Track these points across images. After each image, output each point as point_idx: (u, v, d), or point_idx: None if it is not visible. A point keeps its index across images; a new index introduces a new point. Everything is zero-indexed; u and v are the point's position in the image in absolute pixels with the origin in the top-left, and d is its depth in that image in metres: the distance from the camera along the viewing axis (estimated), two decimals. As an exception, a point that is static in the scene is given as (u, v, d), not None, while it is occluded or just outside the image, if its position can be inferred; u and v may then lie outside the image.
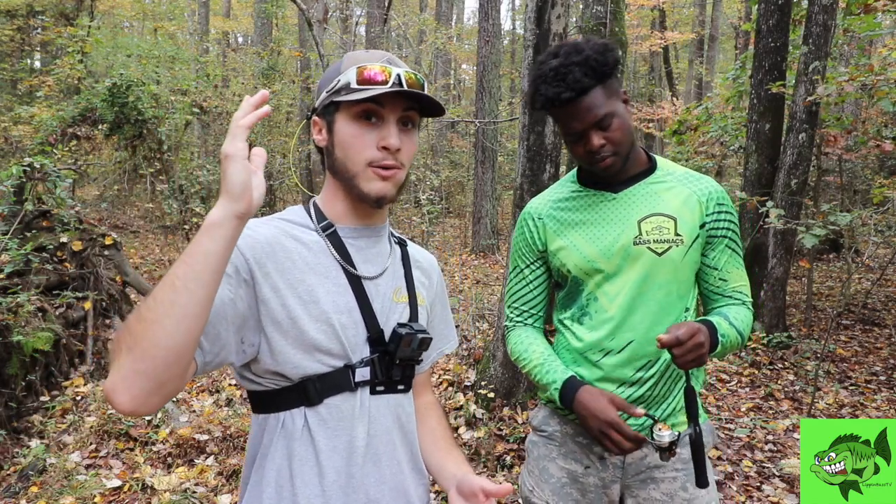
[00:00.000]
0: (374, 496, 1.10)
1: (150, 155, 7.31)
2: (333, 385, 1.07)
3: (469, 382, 4.20)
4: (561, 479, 1.52)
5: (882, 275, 7.66)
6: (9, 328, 3.66)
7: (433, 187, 11.35)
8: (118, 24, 17.26)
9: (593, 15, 4.03)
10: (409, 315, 1.18)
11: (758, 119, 5.79)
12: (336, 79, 1.09)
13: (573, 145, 1.41)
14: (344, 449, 1.07)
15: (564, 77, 1.32)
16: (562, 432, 1.54)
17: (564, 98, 1.33)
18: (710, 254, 1.48)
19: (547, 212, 1.54)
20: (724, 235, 1.47)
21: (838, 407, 4.32)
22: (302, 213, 1.15)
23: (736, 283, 1.50)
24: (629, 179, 1.49)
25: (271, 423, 1.08)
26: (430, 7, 21.38)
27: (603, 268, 1.44)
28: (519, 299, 1.60)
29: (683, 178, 1.50)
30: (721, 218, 1.46)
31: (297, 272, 1.06)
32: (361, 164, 1.08)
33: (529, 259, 1.57)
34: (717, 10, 16.78)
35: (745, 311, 1.48)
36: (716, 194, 1.47)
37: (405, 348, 1.11)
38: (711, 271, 1.49)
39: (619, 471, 1.49)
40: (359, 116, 1.08)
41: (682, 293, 1.45)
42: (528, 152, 3.75)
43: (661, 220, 1.43)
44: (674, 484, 1.46)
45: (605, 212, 1.47)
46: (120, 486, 3.12)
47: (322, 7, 7.44)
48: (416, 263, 1.26)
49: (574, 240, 1.48)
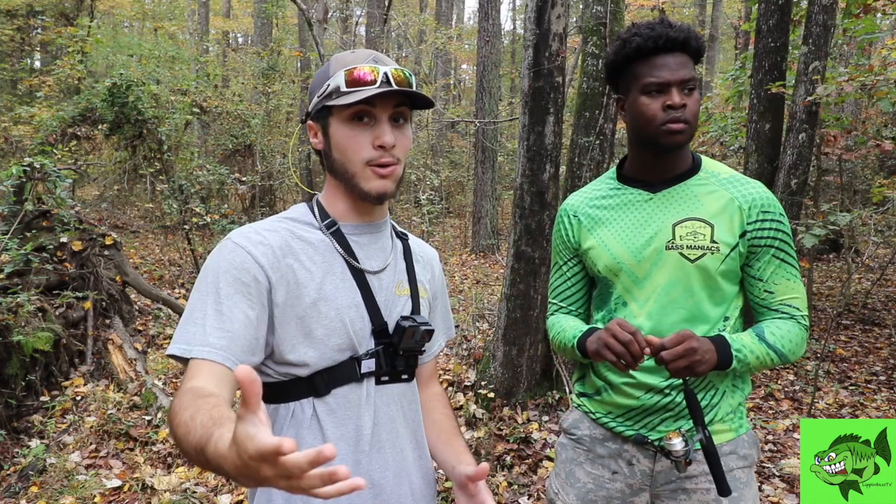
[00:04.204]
0: (379, 481, 1.15)
1: (150, 155, 7.30)
2: (340, 377, 1.12)
3: (469, 382, 4.20)
4: (587, 485, 1.49)
5: (882, 275, 7.66)
6: (9, 328, 3.66)
7: (433, 187, 11.35)
8: (118, 24, 17.26)
9: (593, 15, 4.02)
10: (411, 307, 1.22)
11: (758, 119, 5.79)
12: (325, 83, 1.12)
13: (649, 100, 1.35)
14: (351, 437, 1.12)
15: (672, 25, 1.33)
16: (590, 437, 1.51)
17: (672, 36, 1.31)
18: (756, 264, 1.39)
19: (583, 209, 1.51)
20: (770, 245, 1.37)
21: (838, 407, 4.32)
22: (306, 212, 1.19)
23: (784, 296, 1.39)
24: (670, 179, 1.42)
25: (282, 412, 1.12)
26: (430, 7, 21.36)
27: (632, 270, 1.40)
28: (559, 294, 1.59)
29: (728, 181, 1.41)
30: (766, 227, 1.36)
31: (306, 272, 1.10)
32: (360, 165, 1.11)
33: (566, 256, 1.56)
34: (717, 10, 16.78)
35: (791, 326, 1.37)
36: (760, 200, 1.37)
37: (408, 340, 1.16)
38: (756, 282, 1.40)
39: (647, 479, 1.44)
40: (352, 118, 1.10)
41: (717, 302, 1.38)
42: (528, 152, 3.75)
43: (696, 226, 1.36)
44: (707, 496, 1.39)
45: (640, 212, 1.42)
46: (120, 486, 3.12)
47: (322, 7, 7.44)
48: (418, 257, 1.30)
49: (605, 239, 1.45)
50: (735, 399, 1.43)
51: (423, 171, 12.41)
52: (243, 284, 1.04)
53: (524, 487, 3.20)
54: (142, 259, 8.40)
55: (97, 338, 4.40)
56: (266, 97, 11.53)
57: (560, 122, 3.77)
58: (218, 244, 1.11)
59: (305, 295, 1.09)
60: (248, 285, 1.04)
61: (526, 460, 3.44)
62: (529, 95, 3.72)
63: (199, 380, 0.96)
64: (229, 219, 7.73)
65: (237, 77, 13.28)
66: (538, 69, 3.67)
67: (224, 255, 1.07)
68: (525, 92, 3.77)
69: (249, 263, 1.06)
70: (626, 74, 1.40)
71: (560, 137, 3.80)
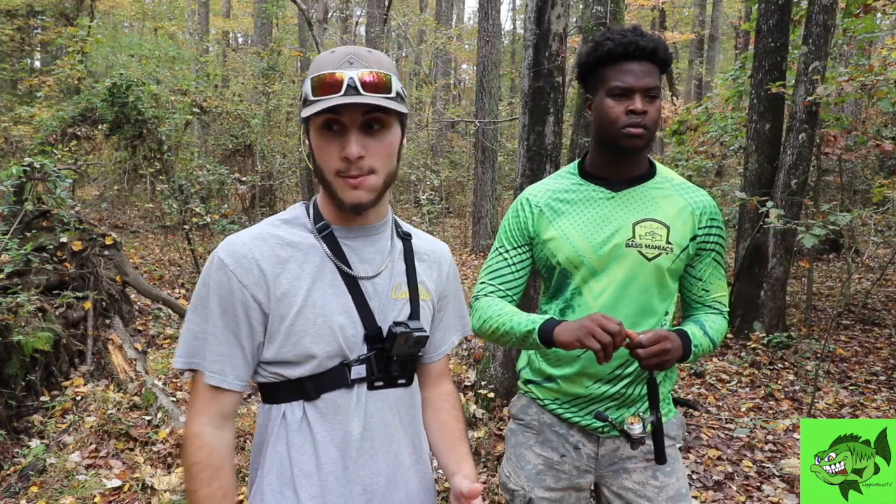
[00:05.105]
0: (371, 486, 1.14)
1: (150, 155, 7.30)
2: (330, 382, 1.12)
3: (469, 382, 4.20)
4: (537, 466, 1.56)
5: (882, 275, 7.66)
6: (9, 328, 3.65)
7: (433, 187, 11.35)
8: (118, 24, 17.26)
9: (593, 15, 4.03)
10: (409, 311, 1.19)
11: (758, 119, 5.79)
12: (302, 89, 1.09)
13: (613, 102, 1.42)
14: (339, 441, 1.12)
15: (643, 35, 1.41)
16: (539, 421, 1.59)
17: (642, 45, 1.39)
18: (697, 265, 1.53)
19: (545, 201, 1.55)
20: (713, 249, 1.53)
21: (838, 407, 4.32)
22: (302, 213, 1.18)
23: (716, 294, 1.56)
24: (629, 180, 1.51)
25: (274, 413, 1.14)
26: (430, 7, 21.37)
27: (591, 263, 1.47)
28: (497, 277, 1.58)
29: (680, 187, 1.53)
30: (712, 232, 1.51)
31: (293, 280, 1.10)
32: (332, 174, 1.08)
33: (517, 242, 1.57)
34: (717, 10, 16.79)
35: (722, 321, 1.55)
36: (709, 209, 1.51)
37: (401, 346, 1.14)
38: (696, 282, 1.55)
39: (592, 461, 1.55)
40: (322, 127, 1.06)
41: (663, 298, 1.49)
42: (528, 152, 3.75)
43: (655, 226, 1.46)
44: (644, 473, 1.52)
45: (601, 209, 1.49)
46: (120, 486, 3.12)
47: (322, 7, 7.44)
48: (422, 257, 1.26)
49: (567, 231, 1.49)
50: (666, 387, 1.58)
51: (423, 171, 12.41)
52: (230, 306, 1.09)
53: (524, 487, 3.20)
54: (142, 259, 8.40)
55: (97, 338, 4.40)
56: (266, 97, 11.53)
57: (560, 122, 3.77)
58: (210, 257, 1.13)
59: (292, 304, 1.09)
60: (234, 307, 1.09)
61: (526, 460, 3.44)
62: (529, 95, 3.72)
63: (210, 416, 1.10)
64: (229, 219, 7.73)
65: (237, 77, 13.29)
66: (538, 69, 3.68)
67: (213, 274, 1.10)
68: (525, 92, 3.77)
69: (234, 285, 1.08)
70: (595, 76, 1.48)
71: (560, 137, 3.80)
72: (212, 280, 1.09)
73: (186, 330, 1.11)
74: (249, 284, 1.08)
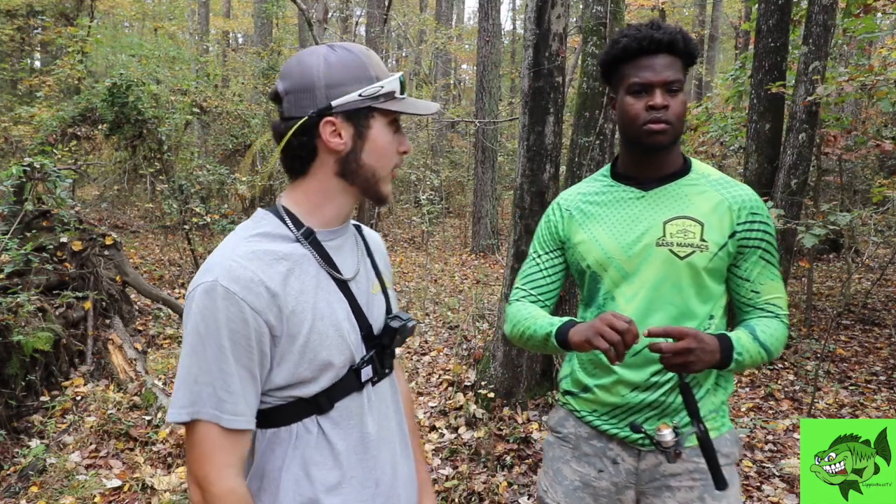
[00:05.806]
0: (381, 479, 1.16)
1: (150, 155, 7.30)
2: (342, 389, 1.11)
3: (469, 382, 4.20)
4: (574, 482, 1.51)
5: (882, 275, 7.66)
6: (9, 328, 3.65)
7: (433, 187, 11.35)
8: (118, 24, 17.26)
9: (593, 15, 4.03)
10: (384, 303, 1.23)
11: (758, 119, 5.78)
12: (375, 83, 1.08)
13: (632, 100, 1.38)
14: (357, 444, 1.12)
15: (660, 28, 1.37)
16: (576, 434, 1.53)
17: (657, 38, 1.34)
18: (743, 264, 1.43)
19: (575, 204, 1.53)
20: (758, 246, 1.42)
21: (838, 407, 4.32)
22: (278, 224, 1.09)
23: (770, 295, 1.44)
24: (661, 178, 1.45)
25: (283, 435, 1.08)
26: (430, 7, 21.36)
27: (621, 265, 1.42)
28: (530, 283, 1.58)
29: (718, 182, 1.44)
30: (755, 228, 1.41)
31: (299, 296, 1.05)
32: (388, 170, 1.14)
33: (549, 247, 1.56)
34: (717, 10, 16.79)
35: (777, 325, 1.42)
36: (750, 203, 1.41)
37: (400, 338, 1.17)
38: (743, 282, 1.44)
39: (633, 476, 1.46)
40: (391, 124, 1.13)
41: (703, 299, 1.40)
42: (528, 152, 3.75)
43: (686, 224, 1.39)
44: (690, 493, 1.40)
45: (631, 209, 1.45)
46: (120, 486, 3.12)
47: (322, 7, 7.44)
48: (374, 247, 1.30)
49: (596, 233, 1.46)
50: (718, 398, 1.45)
51: (423, 171, 12.41)
52: (244, 338, 0.99)
53: (524, 487, 3.20)
54: (142, 259, 8.40)
55: (97, 338, 4.40)
56: (266, 97, 11.53)
57: (560, 122, 3.77)
58: (203, 288, 0.99)
59: (303, 321, 1.04)
60: (249, 337, 0.99)
61: (526, 460, 3.44)
62: (529, 95, 3.72)
63: (238, 466, 1.03)
64: (229, 219, 7.73)
65: (237, 77, 13.28)
66: (538, 69, 3.68)
67: (219, 306, 0.98)
68: (525, 92, 3.77)
69: (247, 313, 0.98)
70: (615, 74, 1.44)
71: (560, 137, 3.79)
72: (219, 313, 0.97)
73: (185, 376, 0.99)
74: (262, 310, 0.99)
